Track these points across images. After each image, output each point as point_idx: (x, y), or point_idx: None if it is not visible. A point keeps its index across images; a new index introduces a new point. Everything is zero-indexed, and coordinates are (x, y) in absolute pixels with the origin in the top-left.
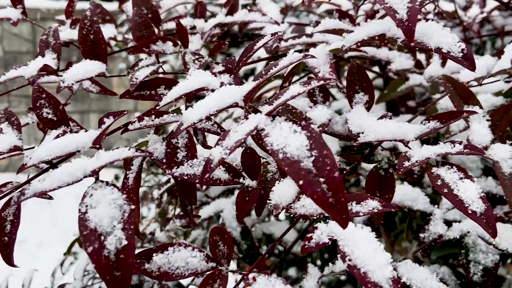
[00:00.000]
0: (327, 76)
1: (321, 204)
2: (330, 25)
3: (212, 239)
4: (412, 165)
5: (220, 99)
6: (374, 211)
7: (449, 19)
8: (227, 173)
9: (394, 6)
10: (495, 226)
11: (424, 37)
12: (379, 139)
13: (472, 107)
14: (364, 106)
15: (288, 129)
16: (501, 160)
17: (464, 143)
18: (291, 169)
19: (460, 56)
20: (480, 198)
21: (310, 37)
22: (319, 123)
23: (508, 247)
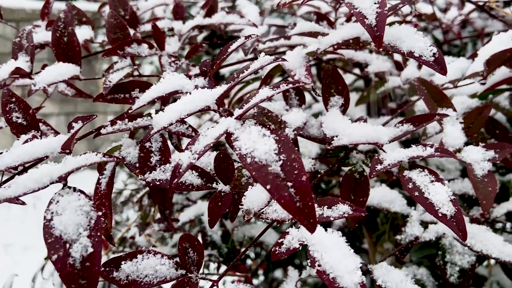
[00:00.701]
0: (302, 79)
1: (288, 208)
2: (305, 28)
3: (181, 246)
4: (384, 168)
5: (191, 103)
6: (345, 215)
7: (428, 21)
8: (200, 178)
9: (363, 11)
10: (465, 228)
11: (397, 41)
12: (353, 142)
13: (445, 109)
14: (339, 109)
15: (257, 133)
16: (474, 162)
17: (435, 146)
18: (258, 174)
19: (431, 60)
20: (451, 201)
21: (288, 39)
22: (294, 126)
23: (482, 249)
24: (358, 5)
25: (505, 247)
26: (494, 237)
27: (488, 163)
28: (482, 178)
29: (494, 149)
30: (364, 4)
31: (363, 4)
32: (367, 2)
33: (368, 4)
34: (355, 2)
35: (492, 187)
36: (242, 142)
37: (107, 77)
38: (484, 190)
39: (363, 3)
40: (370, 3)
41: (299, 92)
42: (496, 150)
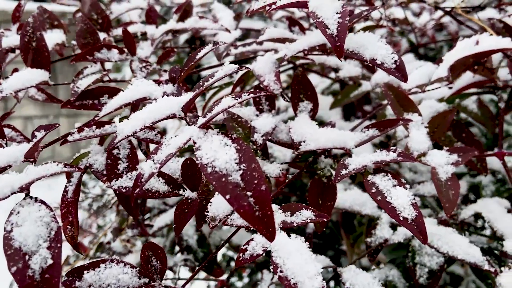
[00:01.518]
0: (271, 84)
1: (247, 218)
2: (274, 34)
3: (144, 255)
4: (349, 173)
5: (156, 111)
6: (308, 221)
7: (401, 25)
8: (166, 185)
9: (326, 21)
10: (425, 232)
11: (361, 48)
12: (319, 147)
13: (411, 114)
14: (308, 114)
15: (219, 142)
16: (438, 166)
17: (398, 151)
18: (218, 183)
19: (393, 67)
20: (412, 205)
21: (260, 45)
22: (263, 132)
23: (448, 250)
24: (321, 14)
25: (470, 248)
26: (460, 238)
27: (452, 166)
28: (445, 181)
29: (457, 153)
30: (326, 13)
31: (325, 13)
32: (329, 12)
33: (330, 14)
34: (318, 12)
35: (455, 190)
36: (203, 151)
37: (75, 83)
38: (447, 193)
39: (325, 12)
40: (332, 13)
41: (269, 98)
42: (459, 154)
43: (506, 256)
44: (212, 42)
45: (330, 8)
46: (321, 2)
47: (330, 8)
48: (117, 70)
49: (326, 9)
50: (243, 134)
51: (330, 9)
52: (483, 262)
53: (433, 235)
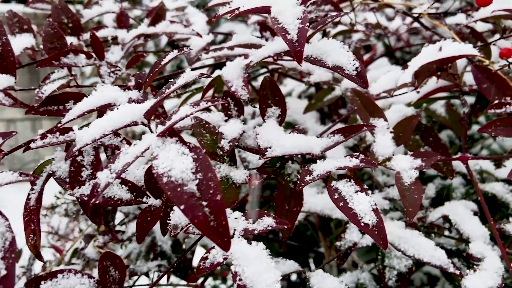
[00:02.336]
0: (239, 90)
1: (202, 228)
2: (241, 39)
3: (102, 265)
4: (313, 179)
5: (117, 118)
6: (269, 228)
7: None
8: (129, 193)
9: (286, 26)
10: (385, 237)
11: (324, 55)
12: (285, 153)
13: (377, 119)
14: (276, 119)
15: (176, 151)
16: (402, 170)
17: (360, 157)
18: (174, 193)
19: (354, 74)
20: (373, 211)
21: (231, 50)
22: (230, 138)
23: (415, 253)
24: (282, 20)
25: (436, 251)
26: (426, 241)
27: (415, 171)
28: (409, 186)
29: (421, 158)
30: (287, 19)
31: (286, 19)
32: (290, 17)
33: (291, 20)
34: (280, 17)
35: (418, 194)
36: (160, 160)
37: (40, 89)
38: (410, 197)
39: (286, 18)
40: (293, 19)
41: (238, 103)
42: (423, 159)
43: (471, 258)
44: (179, 48)
45: (291, 13)
46: (283, 7)
47: (291, 13)
48: (97, 75)
49: (287, 14)
50: (211, 140)
51: (291, 14)
52: (449, 265)
53: (400, 238)
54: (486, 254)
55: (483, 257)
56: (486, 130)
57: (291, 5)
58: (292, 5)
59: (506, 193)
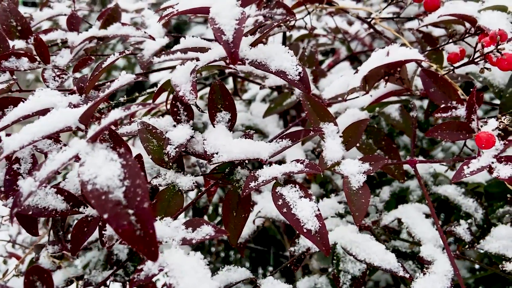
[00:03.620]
0: (187, 94)
1: (127, 238)
2: (189, 43)
3: (27, 280)
4: (258, 185)
5: (49, 123)
6: (207, 237)
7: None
8: (65, 202)
9: (222, 27)
10: (328, 243)
11: (268, 59)
12: (232, 159)
13: (328, 123)
14: (226, 124)
15: (104, 157)
16: (350, 175)
17: (306, 162)
18: (98, 202)
19: (297, 79)
20: (316, 216)
21: (185, 53)
22: (177, 143)
23: (366, 257)
24: (219, 21)
25: (386, 255)
26: (377, 245)
27: (363, 175)
28: (357, 190)
29: (369, 162)
30: (224, 20)
31: (223, 20)
32: (227, 18)
33: (227, 20)
34: (217, 18)
35: (365, 199)
36: (86, 167)
37: None
38: (357, 202)
39: (223, 19)
40: (230, 20)
41: (187, 107)
42: (371, 163)
43: (422, 261)
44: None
45: (229, 14)
46: (221, 8)
47: (228, 14)
48: None
49: (225, 15)
50: (158, 146)
51: (228, 15)
52: (398, 269)
53: (353, 242)
54: (436, 257)
55: (433, 260)
56: (433, 134)
57: (230, 6)
58: (231, 6)
59: (458, 195)
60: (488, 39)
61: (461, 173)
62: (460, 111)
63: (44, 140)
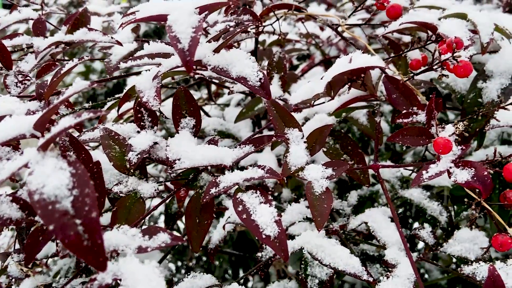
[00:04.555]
0: (150, 100)
1: (74, 249)
2: (154, 49)
3: None
4: (218, 191)
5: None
6: (163, 245)
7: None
8: (20, 211)
9: (178, 35)
10: (286, 249)
11: (229, 66)
12: (195, 165)
13: (292, 129)
14: (190, 130)
15: (53, 166)
16: (314, 180)
17: (266, 168)
18: (44, 212)
19: (257, 85)
20: (275, 222)
21: (152, 58)
22: (139, 150)
23: (331, 262)
24: (175, 28)
25: (351, 259)
26: (341, 250)
27: (326, 180)
28: (319, 195)
29: (332, 167)
30: (180, 28)
31: (180, 28)
32: (183, 26)
33: (184, 28)
34: (174, 26)
35: (327, 204)
36: (34, 176)
37: None
38: (320, 207)
39: (180, 27)
40: (186, 27)
41: (152, 113)
42: (334, 168)
43: (386, 265)
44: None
45: (186, 22)
46: (179, 16)
47: (185, 22)
48: None
49: (182, 23)
50: (120, 153)
51: (185, 23)
52: (362, 272)
53: (318, 247)
54: (400, 260)
55: (397, 263)
56: (395, 139)
57: (188, 14)
58: (188, 14)
59: (424, 199)
60: (445, 47)
61: (420, 178)
62: (421, 116)
63: (2, 148)
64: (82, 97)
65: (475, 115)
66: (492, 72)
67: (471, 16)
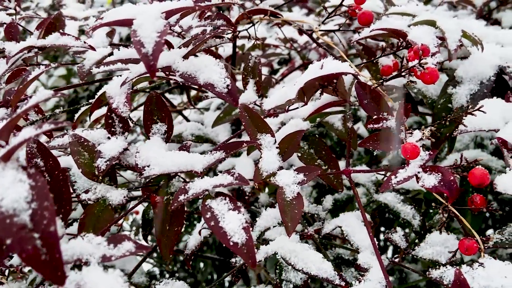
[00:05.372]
0: (120, 106)
1: (32, 263)
2: (124, 54)
3: None
4: (187, 198)
5: None
6: (127, 254)
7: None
8: None
9: (143, 39)
10: (254, 256)
11: (198, 72)
12: (164, 172)
13: (265, 135)
14: (162, 136)
15: (13, 178)
16: (285, 185)
17: (236, 175)
18: (1, 226)
19: (224, 91)
20: (243, 229)
21: (126, 64)
22: (109, 156)
23: (303, 267)
24: (140, 33)
25: (323, 264)
26: (315, 254)
27: (298, 186)
28: (291, 201)
29: (304, 172)
30: (145, 32)
31: (144, 32)
32: (148, 30)
33: (148, 33)
34: (139, 31)
35: (298, 209)
36: None
37: None
38: (291, 212)
39: (145, 31)
40: (151, 32)
41: (123, 119)
42: (305, 173)
43: (359, 269)
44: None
45: (151, 27)
46: (144, 20)
47: (150, 27)
48: None
49: (147, 27)
50: (89, 159)
51: (150, 28)
52: (334, 277)
53: (292, 252)
54: (372, 264)
55: (370, 267)
56: (365, 145)
57: (154, 19)
58: (154, 19)
59: (397, 202)
60: (412, 54)
61: (389, 183)
62: (391, 122)
63: None
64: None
65: (443, 121)
66: (462, 78)
67: (439, 23)
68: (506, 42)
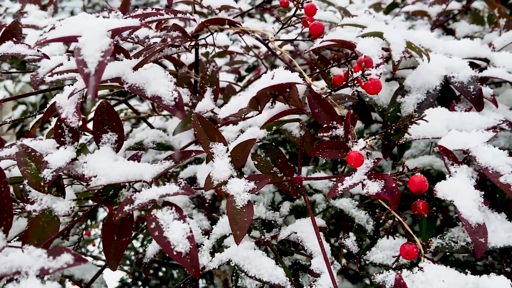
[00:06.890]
0: (69, 116)
1: None
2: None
3: None
4: (132, 208)
5: None
6: (65, 266)
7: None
8: None
9: (86, 59)
10: (197, 265)
11: (146, 85)
12: (111, 182)
13: (217, 143)
14: (112, 146)
15: None
16: (236, 194)
17: (182, 184)
18: None
19: (172, 104)
20: (187, 238)
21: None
22: (55, 167)
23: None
24: (83, 52)
25: (275, 270)
26: (267, 261)
27: (248, 194)
28: (241, 209)
29: (254, 181)
30: (89, 51)
31: (88, 51)
32: (92, 49)
33: (92, 52)
34: (83, 50)
35: (248, 217)
36: None
37: None
38: (240, 221)
39: (88, 50)
40: (95, 51)
41: (72, 129)
42: (256, 182)
43: (312, 274)
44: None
45: (96, 45)
46: (89, 38)
47: (95, 45)
48: None
49: (90, 46)
50: (36, 170)
51: (94, 46)
52: (286, 283)
53: (245, 258)
54: (324, 270)
55: (321, 273)
56: (315, 153)
57: (99, 36)
58: (100, 36)
59: (352, 208)
60: (356, 65)
61: (336, 190)
62: (340, 130)
63: None
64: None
65: (389, 129)
66: (410, 87)
67: (386, 35)
68: (454, 52)
